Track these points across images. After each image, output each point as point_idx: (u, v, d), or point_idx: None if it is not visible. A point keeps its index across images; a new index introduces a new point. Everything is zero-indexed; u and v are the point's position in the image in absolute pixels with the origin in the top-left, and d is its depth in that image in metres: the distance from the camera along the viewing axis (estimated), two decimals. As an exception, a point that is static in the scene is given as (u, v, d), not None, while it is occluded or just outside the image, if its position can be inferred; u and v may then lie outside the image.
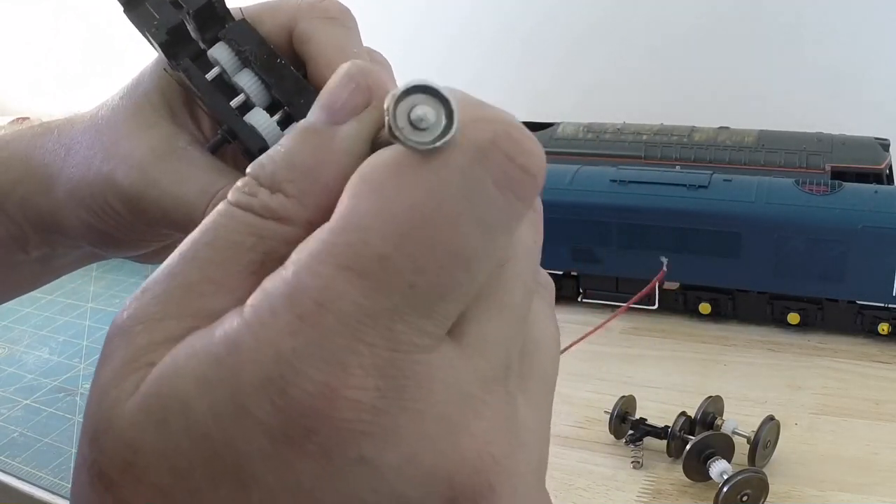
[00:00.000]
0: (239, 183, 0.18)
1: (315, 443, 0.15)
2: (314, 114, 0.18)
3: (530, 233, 0.19)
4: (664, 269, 0.55)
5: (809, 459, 0.55)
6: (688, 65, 1.11)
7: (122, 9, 0.32)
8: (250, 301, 0.16)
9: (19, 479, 0.59)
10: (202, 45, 0.31)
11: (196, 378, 0.15)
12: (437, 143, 0.16)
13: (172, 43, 0.31)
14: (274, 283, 0.16)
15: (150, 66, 0.37)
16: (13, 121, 1.40)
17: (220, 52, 0.30)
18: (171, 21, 0.30)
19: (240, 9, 0.32)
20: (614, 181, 0.75)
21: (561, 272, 0.79)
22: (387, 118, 0.16)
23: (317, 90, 0.24)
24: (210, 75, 0.30)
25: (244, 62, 0.30)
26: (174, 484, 0.15)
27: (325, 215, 0.16)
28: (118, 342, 0.17)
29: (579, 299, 0.79)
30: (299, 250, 0.16)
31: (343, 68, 0.19)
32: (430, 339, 0.16)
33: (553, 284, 0.21)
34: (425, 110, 0.16)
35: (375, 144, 0.18)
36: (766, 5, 1.05)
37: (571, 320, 0.77)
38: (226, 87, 0.31)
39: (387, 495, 0.15)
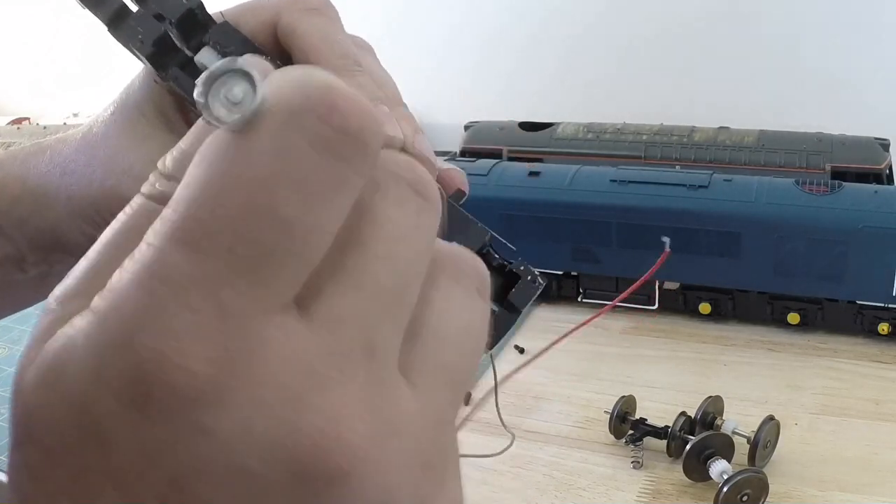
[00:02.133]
0: (150, 175, 0.19)
1: (154, 407, 0.15)
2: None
3: (411, 217, 0.18)
4: (667, 248, 0.55)
5: (809, 459, 0.55)
6: (688, 65, 1.11)
7: (106, 29, 0.33)
8: (112, 277, 0.17)
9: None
10: (188, 53, 0.31)
11: (70, 345, 0.16)
12: (244, 117, 0.16)
13: (159, 54, 0.31)
14: (129, 260, 0.17)
15: (139, 78, 0.37)
16: (12, 121, 1.40)
17: (206, 56, 0.30)
18: (155, 33, 0.31)
19: (220, 12, 0.32)
20: (614, 181, 0.75)
21: (561, 272, 0.79)
22: (201, 106, 0.16)
23: None
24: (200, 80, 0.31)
25: None
26: (55, 445, 0.16)
27: None
28: (41, 317, 0.18)
29: (579, 299, 0.79)
30: (150, 228, 0.17)
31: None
32: (260, 306, 0.16)
33: (480, 272, 0.20)
34: (235, 90, 0.16)
35: None
36: (767, 6, 1.05)
37: (571, 320, 0.77)
38: None
39: (228, 465, 0.16)
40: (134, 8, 0.32)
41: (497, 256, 0.25)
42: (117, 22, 0.32)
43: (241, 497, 0.16)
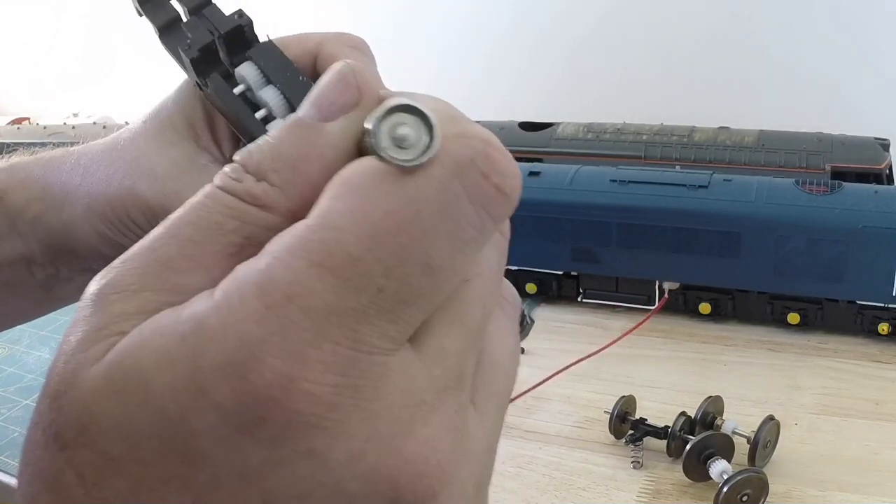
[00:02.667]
0: (226, 168, 0.18)
1: (267, 430, 0.15)
2: (304, 109, 0.19)
3: (495, 254, 0.19)
4: (666, 295, 0.55)
5: (809, 459, 0.55)
6: (688, 65, 1.11)
7: (157, 36, 0.35)
8: (221, 285, 0.16)
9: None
10: (230, 67, 0.33)
11: (159, 353, 0.16)
12: (418, 161, 0.16)
13: (202, 61, 0.33)
14: (246, 270, 0.16)
15: (174, 93, 0.39)
16: (12, 121, 1.40)
17: (247, 70, 0.32)
18: (202, 40, 0.32)
19: (266, 34, 0.34)
20: (614, 181, 0.75)
21: (561, 272, 0.79)
22: (368, 138, 0.17)
23: None
24: (237, 90, 0.32)
25: (268, 79, 0.32)
26: (124, 453, 0.16)
27: (307, 208, 0.17)
28: (92, 308, 0.17)
29: (579, 299, 0.79)
30: (275, 242, 0.16)
31: (335, 67, 0.19)
32: (391, 343, 0.16)
33: (518, 301, 0.22)
34: (407, 130, 0.16)
35: (362, 144, 0.18)
36: (767, 7, 1.05)
37: (571, 320, 0.77)
38: (251, 102, 0.32)
39: (331, 489, 0.16)
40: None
41: None
42: (167, 30, 0.34)
43: None
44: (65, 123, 1.28)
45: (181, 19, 0.34)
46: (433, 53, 1.27)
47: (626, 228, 0.74)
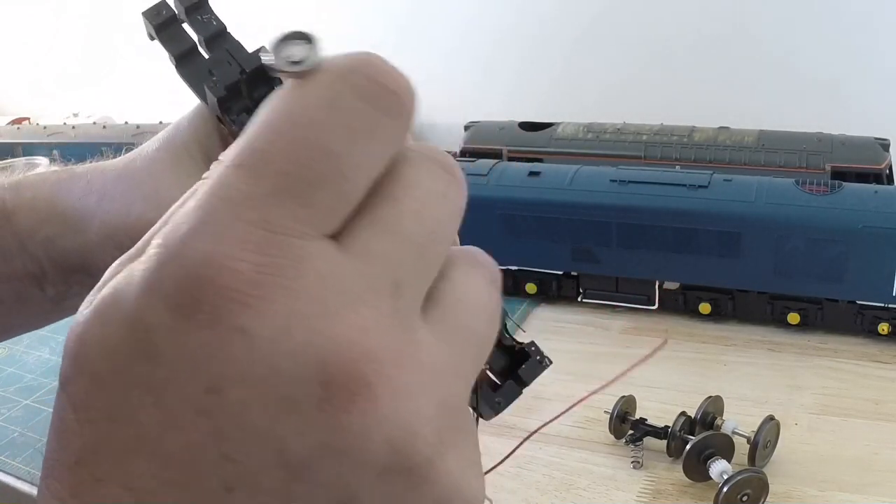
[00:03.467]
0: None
1: (203, 311, 0.17)
2: None
3: (439, 185, 0.21)
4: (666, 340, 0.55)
5: (809, 459, 0.55)
6: (688, 65, 1.11)
7: (174, 66, 0.35)
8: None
9: (19, 479, 0.59)
10: (250, 103, 0.34)
11: (130, 274, 0.18)
12: (304, 66, 0.19)
13: (228, 98, 0.34)
14: (190, 190, 0.19)
15: (187, 118, 0.39)
16: (12, 121, 1.40)
17: None
18: (229, 79, 0.33)
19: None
20: (614, 181, 0.75)
21: (561, 272, 0.79)
22: (269, 59, 0.20)
23: None
24: None
25: None
26: (103, 367, 0.18)
27: None
28: (101, 281, 0.19)
29: (579, 299, 0.79)
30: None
31: None
32: (306, 227, 0.18)
33: (494, 265, 0.23)
34: (297, 49, 0.19)
35: None
36: (767, 6, 1.05)
37: (571, 320, 0.77)
38: None
39: (264, 369, 0.17)
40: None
41: (508, 336, 0.28)
42: (185, 60, 0.35)
43: (273, 403, 0.17)
44: (65, 123, 1.28)
45: (197, 49, 0.35)
46: (434, 54, 1.27)
47: (626, 228, 0.74)
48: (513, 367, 0.28)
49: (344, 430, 0.17)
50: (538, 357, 0.28)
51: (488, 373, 0.27)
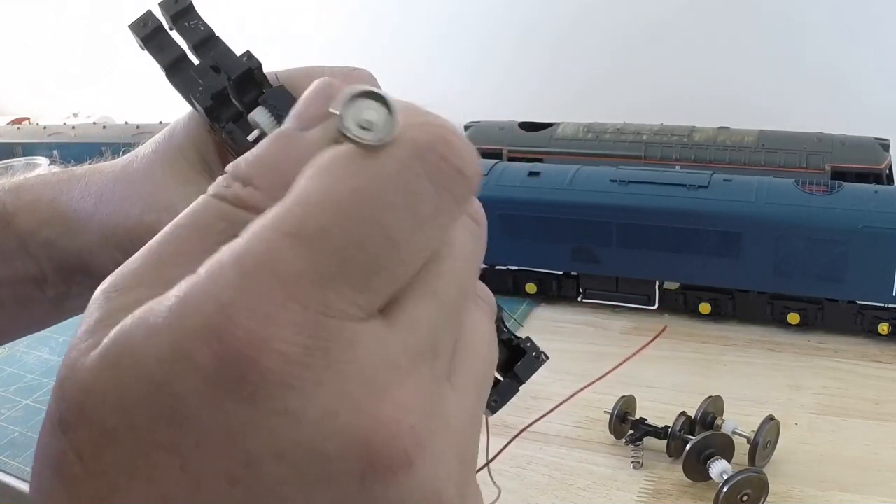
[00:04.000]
0: (218, 178, 0.20)
1: (245, 389, 0.16)
2: (286, 121, 0.21)
3: (470, 241, 0.21)
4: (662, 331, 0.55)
5: (809, 459, 0.55)
6: (688, 65, 1.11)
7: (164, 75, 0.35)
8: (204, 264, 0.18)
9: (19, 479, 0.59)
10: (241, 108, 0.34)
11: (147, 326, 0.17)
12: (381, 140, 0.18)
13: (215, 107, 0.33)
14: (227, 247, 0.18)
15: (183, 120, 0.39)
16: (12, 121, 1.40)
17: (261, 116, 0.32)
18: (215, 87, 0.33)
19: (275, 74, 0.34)
20: (614, 181, 0.75)
21: (561, 272, 0.79)
22: (337, 119, 0.18)
23: None
24: (251, 136, 0.33)
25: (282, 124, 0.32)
26: (118, 422, 0.17)
27: None
28: (95, 306, 0.19)
29: (579, 299, 0.79)
30: (253, 222, 0.18)
31: (314, 83, 0.21)
32: (359, 310, 0.17)
33: (493, 299, 0.23)
34: (371, 114, 0.18)
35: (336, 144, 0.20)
36: (767, 6, 1.05)
37: (571, 320, 0.77)
38: None
39: (307, 448, 0.17)
40: (189, 55, 0.35)
41: (506, 330, 0.28)
42: (174, 69, 0.35)
43: (312, 479, 0.17)
44: (65, 123, 1.28)
45: (186, 56, 0.34)
46: (434, 54, 1.27)
47: (626, 228, 0.74)
48: (509, 363, 0.28)
49: (380, 500, 0.17)
50: (534, 353, 0.28)
51: None
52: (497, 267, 0.80)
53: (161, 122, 1.15)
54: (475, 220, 0.21)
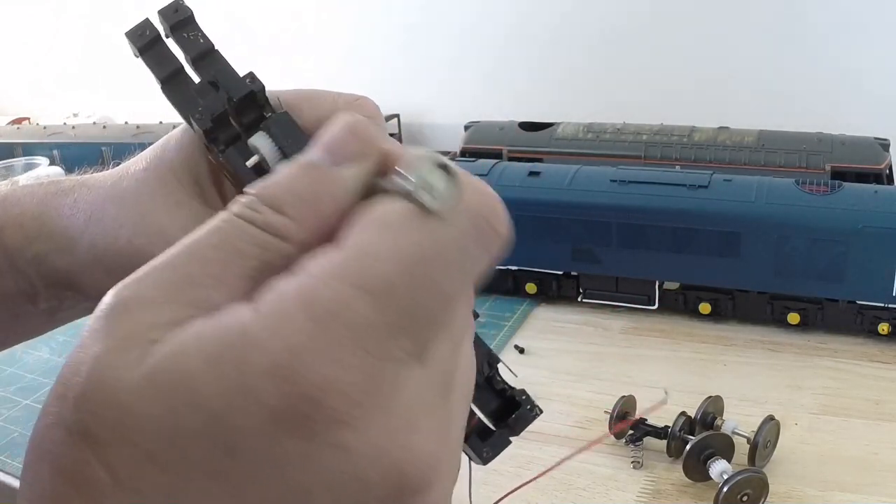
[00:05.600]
0: (242, 199, 0.21)
1: (306, 425, 0.17)
2: (315, 152, 0.21)
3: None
4: (666, 400, 0.55)
5: (809, 459, 0.55)
6: (688, 65, 1.11)
7: (160, 87, 0.33)
8: (264, 298, 0.18)
9: (19, 479, 0.59)
10: (239, 130, 0.32)
11: (205, 357, 0.17)
12: (447, 206, 0.19)
13: (214, 129, 0.32)
14: (288, 286, 0.18)
15: (175, 136, 0.38)
16: (12, 121, 1.40)
17: (261, 142, 0.31)
18: (215, 109, 0.31)
19: (277, 98, 0.33)
20: (614, 181, 0.75)
21: (561, 272, 0.79)
22: (402, 177, 0.19)
23: None
24: (250, 163, 0.31)
25: (284, 153, 0.31)
26: (166, 448, 0.17)
27: (319, 240, 0.20)
28: (116, 318, 0.19)
29: (579, 299, 0.79)
30: (313, 265, 0.19)
31: (343, 118, 0.22)
32: (408, 355, 0.19)
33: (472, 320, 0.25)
34: (436, 180, 0.19)
35: (367, 189, 0.21)
36: (767, 6, 1.05)
37: (571, 320, 0.77)
38: (264, 173, 0.31)
39: (353, 477, 0.18)
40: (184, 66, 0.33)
41: (500, 380, 0.29)
42: (171, 82, 0.33)
43: (350, 502, 0.18)
44: (65, 123, 1.28)
45: (183, 70, 0.33)
46: (434, 54, 1.27)
47: (626, 228, 0.74)
48: (503, 412, 0.29)
49: None
50: (528, 406, 0.29)
51: (480, 416, 0.28)
52: (497, 267, 0.80)
53: (161, 122, 1.15)
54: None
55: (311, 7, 1.32)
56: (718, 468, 0.51)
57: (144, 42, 0.33)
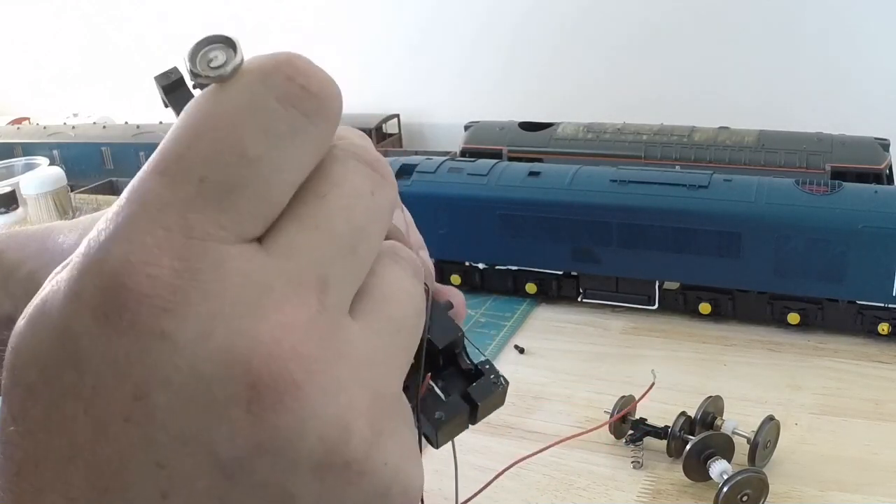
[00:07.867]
0: None
1: (124, 317, 0.17)
2: None
3: (365, 185, 0.21)
4: (654, 381, 0.55)
5: (809, 459, 0.55)
6: (688, 65, 1.11)
7: (162, 94, 0.34)
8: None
9: None
10: None
11: (55, 283, 0.18)
12: (225, 71, 0.19)
13: None
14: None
15: None
16: (12, 121, 1.40)
17: None
18: None
19: None
20: (614, 181, 0.75)
21: (561, 272, 0.79)
22: (188, 66, 0.19)
23: None
24: None
25: None
26: (37, 377, 0.18)
27: None
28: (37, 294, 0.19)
29: (579, 299, 0.79)
30: None
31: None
32: (225, 231, 0.18)
33: (418, 263, 0.23)
34: (216, 53, 0.19)
35: None
36: (767, 6, 1.05)
37: (571, 320, 0.77)
38: None
39: (188, 373, 0.17)
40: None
41: (468, 361, 0.26)
42: (178, 92, 0.34)
43: (199, 407, 0.17)
44: (65, 123, 1.28)
45: None
46: (434, 54, 1.27)
47: (626, 228, 0.74)
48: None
49: (274, 430, 0.17)
50: (492, 375, 0.26)
51: (436, 389, 0.25)
52: (497, 267, 0.80)
53: (161, 122, 1.15)
54: (374, 168, 0.21)
55: (310, 9, 1.32)
56: (718, 468, 0.51)
57: (169, 82, 0.34)
